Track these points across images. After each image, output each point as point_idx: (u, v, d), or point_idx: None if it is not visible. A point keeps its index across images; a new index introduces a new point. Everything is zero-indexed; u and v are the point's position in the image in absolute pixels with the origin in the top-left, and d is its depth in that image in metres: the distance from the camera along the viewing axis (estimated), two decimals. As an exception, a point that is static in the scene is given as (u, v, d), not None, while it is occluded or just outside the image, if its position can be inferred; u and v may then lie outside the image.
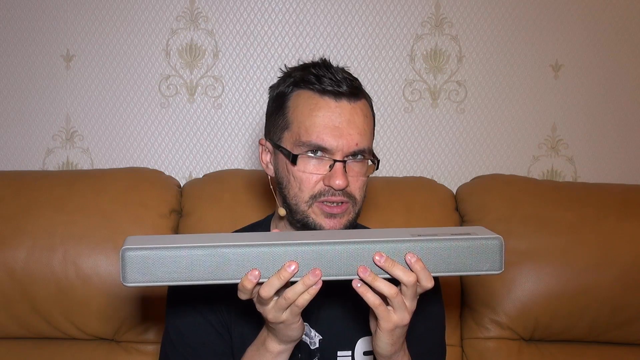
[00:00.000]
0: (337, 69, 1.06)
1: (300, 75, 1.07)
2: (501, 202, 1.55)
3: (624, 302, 1.47)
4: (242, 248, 0.87)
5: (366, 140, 1.05)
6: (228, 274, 0.87)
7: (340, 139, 1.03)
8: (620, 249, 1.48)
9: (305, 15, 1.77)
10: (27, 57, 1.76)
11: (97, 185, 1.53)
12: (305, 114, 1.04)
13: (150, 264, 0.86)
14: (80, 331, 1.47)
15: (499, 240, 0.91)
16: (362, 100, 1.07)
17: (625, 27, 1.80)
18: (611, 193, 1.58)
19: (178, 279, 0.87)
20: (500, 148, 1.82)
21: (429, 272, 0.89)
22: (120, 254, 0.86)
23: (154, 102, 1.78)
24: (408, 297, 0.90)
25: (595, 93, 1.82)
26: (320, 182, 1.04)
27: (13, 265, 1.44)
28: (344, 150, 1.03)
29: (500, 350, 1.50)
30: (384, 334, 0.92)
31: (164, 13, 1.76)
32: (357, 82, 1.08)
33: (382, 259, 0.88)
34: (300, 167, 1.04)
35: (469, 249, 0.90)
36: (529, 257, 1.48)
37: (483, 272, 0.91)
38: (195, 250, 0.86)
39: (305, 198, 1.04)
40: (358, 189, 1.05)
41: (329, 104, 1.04)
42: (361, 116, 1.05)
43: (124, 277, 0.87)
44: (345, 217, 1.05)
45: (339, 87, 1.04)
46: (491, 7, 1.78)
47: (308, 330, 1.10)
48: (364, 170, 1.06)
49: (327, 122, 1.03)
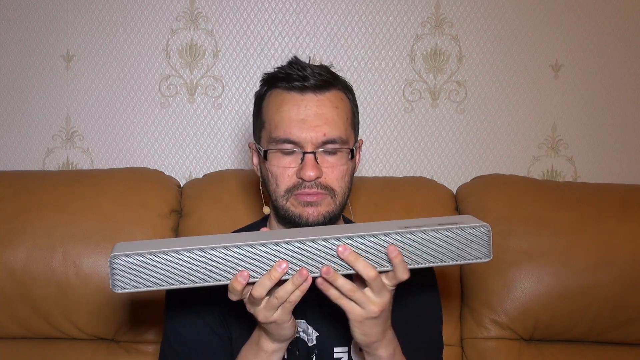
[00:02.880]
0: (305, 65, 1.07)
1: (271, 75, 1.11)
2: (501, 202, 1.55)
3: (624, 302, 1.47)
4: (229, 249, 0.87)
5: (337, 130, 1.06)
6: (217, 276, 0.88)
7: (308, 131, 1.04)
8: (620, 249, 1.48)
9: (305, 15, 1.77)
10: (27, 57, 1.76)
11: (97, 185, 1.53)
12: (273, 110, 1.08)
13: (139, 270, 0.86)
14: (80, 331, 1.47)
15: (485, 228, 0.91)
16: (331, 92, 1.07)
17: (625, 27, 1.80)
18: (611, 193, 1.58)
19: (167, 284, 0.87)
20: (500, 148, 1.82)
21: (405, 264, 0.89)
22: (109, 261, 0.87)
23: (154, 102, 1.78)
24: (375, 290, 0.90)
25: (595, 93, 1.82)
26: (293, 176, 1.05)
27: (13, 265, 1.44)
28: (312, 142, 1.04)
29: (500, 350, 1.50)
30: (354, 325, 0.93)
31: (164, 13, 1.76)
32: (328, 75, 1.08)
33: (345, 252, 0.88)
34: (273, 162, 1.07)
35: (456, 238, 0.90)
36: (529, 257, 1.48)
37: (472, 260, 0.91)
38: (182, 254, 0.87)
39: (281, 192, 1.06)
40: (336, 180, 1.06)
41: (294, 97, 1.06)
42: (329, 107, 1.06)
43: (114, 284, 0.87)
44: (324, 206, 1.06)
45: (305, 81, 1.06)
46: (491, 7, 1.79)
47: (305, 327, 1.11)
48: (342, 161, 1.07)
49: (293, 116, 1.05)
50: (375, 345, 0.97)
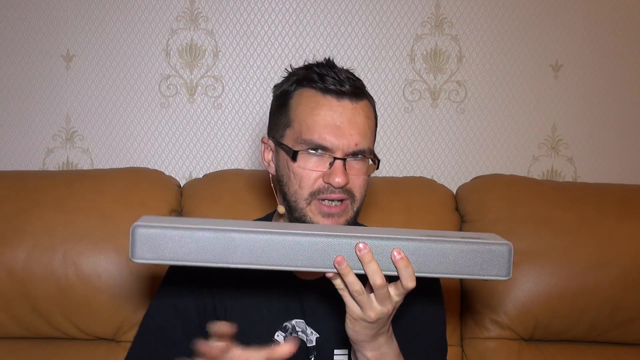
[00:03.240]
0: (340, 69, 1.06)
1: (303, 74, 1.08)
2: (501, 202, 1.55)
3: (624, 302, 1.47)
4: (247, 234, 0.88)
5: (366, 141, 1.05)
6: (232, 258, 0.88)
7: (341, 138, 1.03)
8: (620, 249, 1.48)
9: (305, 15, 1.77)
10: (27, 57, 1.76)
11: (97, 185, 1.53)
12: (307, 112, 1.05)
13: (158, 242, 0.87)
14: (80, 331, 1.47)
15: (507, 246, 0.91)
16: (364, 101, 1.07)
17: (625, 27, 1.80)
18: (611, 193, 1.58)
19: (184, 259, 0.88)
20: (500, 148, 1.82)
21: (412, 272, 0.89)
22: (131, 230, 0.88)
23: (154, 102, 1.78)
24: (378, 298, 0.90)
25: (595, 93, 1.82)
26: (319, 179, 1.04)
27: (13, 265, 1.44)
28: (344, 150, 1.03)
29: (500, 350, 1.50)
30: (348, 320, 0.94)
31: (164, 13, 1.76)
32: (360, 82, 1.08)
33: (364, 250, 0.88)
34: (300, 163, 1.04)
35: (477, 252, 0.90)
36: (529, 257, 1.48)
37: (490, 277, 0.91)
38: (201, 232, 0.88)
39: (304, 195, 1.04)
40: (358, 187, 1.06)
41: (330, 102, 1.04)
42: (362, 116, 1.05)
43: (133, 253, 0.88)
44: (344, 216, 1.05)
45: (342, 87, 1.04)
46: (491, 7, 1.79)
47: (304, 327, 1.11)
48: (364, 169, 1.07)
49: (328, 121, 1.03)
50: (362, 345, 0.97)
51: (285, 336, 1.10)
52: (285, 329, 1.11)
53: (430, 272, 0.91)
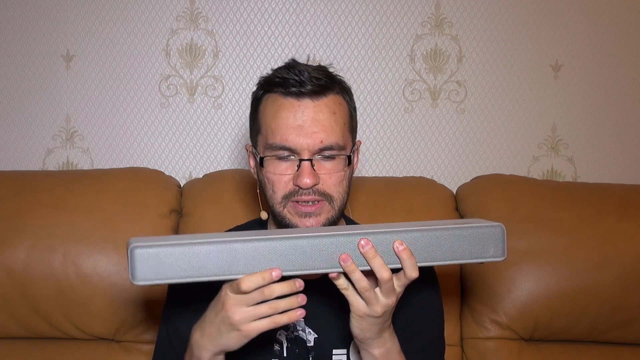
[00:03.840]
0: (303, 69, 1.05)
1: (268, 78, 1.09)
2: (501, 202, 1.55)
3: (624, 302, 1.47)
4: (251, 242, 0.87)
5: (333, 137, 1.04)
6: (238, 269, 0.87)
7: (305, 137, 1.03)
8: (620, 249, 1.48)
9: (305, 15, 1.77)
10: (27, 57, 1.77)
11: (97, 185, 1.53)
12: (270, 116, 1.06)
13: (159, 261, 0.85)
14: (80, 331, 1.47)
15: (500, 227, 0.93)
16: (328, 97, 1.06)
17: (625, 27, 1.80)
18: (611, 193, 1.58)
19: (187, 276, 0.86)
20: (500, 148, 1.82)
21: (414, 262, 0.90)
22: (129, 251, 0.85)
23: (154, 102, 1.78)
24: (384, 292, 0.90)
25: (595, 93, 1.82)
26: (290, 183, 1.04)
27: (13, 265, 1.44)
28: (309, 149, 1.03)
29: (500, 350, 1.50)
30: (353, 318, 0.94)
31: (164, 13, 1.76)
32: (326, 79, 1.06)
33: (366, 246, 0.88)
34: (269, 169, 1.05)
35: (473, 236, 0.92)
36: (529, 257, 1.48)
37: (486, 259, 0.92)
38: (204, 246, 0.86)
39: (278, 199, 1.05)
40: (333, 186, 1.05)
41: (292, 104, 1.04)
42: (326, 113, 1.05)
43: (134, 276, 0.85)
44: (323, 215, 1.05)
45: (302, 87, 1.04)
46: (491, 7, 1.79)
47: (303, 326, 1.10)
48: (338, 167, 1.06)
49: (289, 122, 1.04)
50: (369, 342, 0.97)
51: (287, 334, 1.11)
52: (287, 328, 1.11)
53: (428, 261, 0.91)
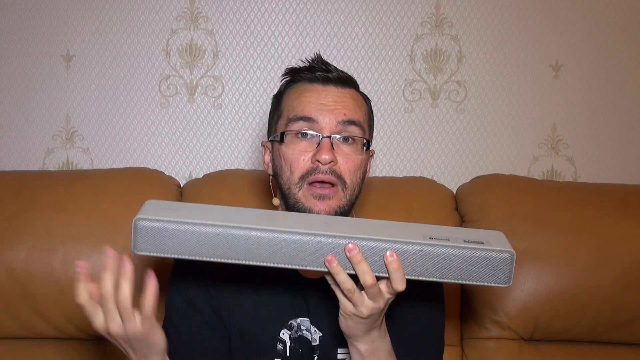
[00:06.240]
0: (329, 63, 1.10)
1: (294, 68, 1.13)
2: (501, 202, 1.55)
3: (624, 302, 1.47)
4: (247, 231, 0.88)
5: (356, 114, 1.07)
6: (232, 254, 0.89)
7: (327, 113, 1.05)
8: (620, 249, 1.48)
9: (305, 15, 1.77)
10: (27, 57, 1.76)
11: (97, 185, 1.53)
12: (293, 98, 1.09)
13: (160, 236, 0.88)
14: (80, 331, 1.47)
15: (510, 254, 0.89)
16: (352, 89, 1.10)
17: (625, 27, 1.80)
18: (611, 193, 1.58)
19: (186, 253, 0.89)
20: (500, 148, 1.82)
21: (402, 274, 0.88)
22: (133, 222, 0.89)
23: (154, 102, 1.78)
24: (370, 296, 0.90)
25: (595, 93, 1.82)
26: (308, 161, 1.05)
27: (13, 265, 1.44)
28: (331, 127, 1.05)
29: (500, 350, 1.50)
30: (340, 315, 0.94)
31: (164, 13, 1.76)
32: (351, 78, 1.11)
33: (353, 251, 0.88)
34: (289, 146, 1.06)
35: (479, 259, 0.89)
36: (529, 257, 1.48)
37: (489, 283, 0.90)
38: (202, 229, 0.88)
39: (295, 180, 1.06)
40: (348, 172, 1.06)
41: (316, 88, 1.08)
42: (350, 99, 1.08)
43: (135, 245, 0.89)
44: (335, 200, 1.05)
45: (328, 73, 1.07)
46: (491, 7, 1.79)
47: (308, 325, 1.10)
48: (356, 152, 1.07)
49: (313, 100, 1.06)
50: (355, 339, 0.97)
51: (290, 334, 1.11)
52: (291, 327, 1.11)
53: (427, 276, 0.89)
